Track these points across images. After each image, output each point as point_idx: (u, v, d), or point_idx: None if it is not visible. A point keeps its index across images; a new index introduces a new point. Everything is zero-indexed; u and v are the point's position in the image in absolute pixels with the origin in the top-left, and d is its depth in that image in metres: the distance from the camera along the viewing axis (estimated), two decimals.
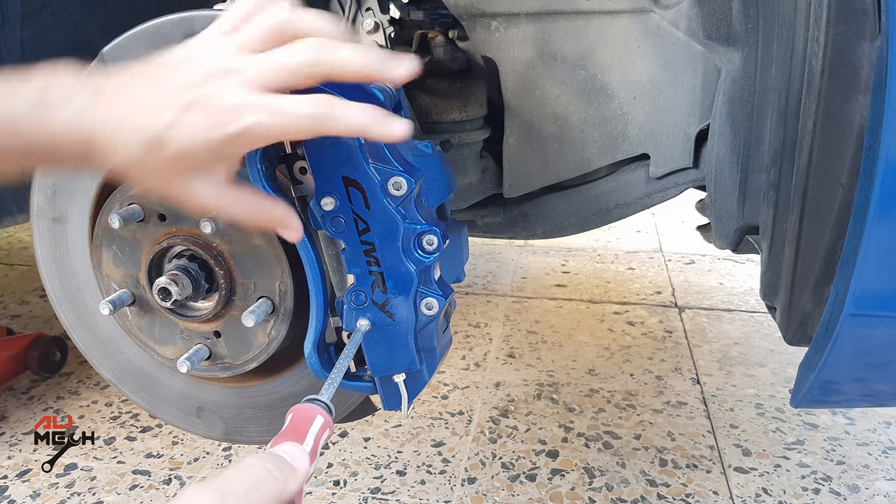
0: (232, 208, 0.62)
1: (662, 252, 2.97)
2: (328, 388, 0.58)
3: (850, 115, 0.68)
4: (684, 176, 0.99)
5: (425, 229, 0.71)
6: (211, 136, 0.55)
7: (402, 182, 0.68)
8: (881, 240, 0.67)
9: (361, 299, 0.74)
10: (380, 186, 0.68)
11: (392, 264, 0.71)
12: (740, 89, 0.84)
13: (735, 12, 0.82)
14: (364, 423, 1.73)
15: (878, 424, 1.73)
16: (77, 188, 0.93)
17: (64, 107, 0.56)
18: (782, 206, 0.80)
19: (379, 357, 0.77)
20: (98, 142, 0.56)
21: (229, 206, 0.61)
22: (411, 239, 0.71)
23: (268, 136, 0.56)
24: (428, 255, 0.72)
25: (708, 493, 1.49)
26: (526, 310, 2.41)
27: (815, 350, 0.77)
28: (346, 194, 0.69)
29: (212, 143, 0.55)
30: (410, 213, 0.71)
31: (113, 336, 1.00)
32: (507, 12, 0.91)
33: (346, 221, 0.70)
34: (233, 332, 0.87)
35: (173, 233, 0.84)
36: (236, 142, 0.56)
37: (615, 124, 0.96)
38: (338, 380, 0.61)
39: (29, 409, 1.82)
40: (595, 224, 1.11)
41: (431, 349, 0.78)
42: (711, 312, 2.38)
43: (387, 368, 0.77)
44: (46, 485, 1.53)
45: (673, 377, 1.96)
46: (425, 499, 1.48)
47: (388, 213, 0.69)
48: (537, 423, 1.75)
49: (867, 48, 0.65)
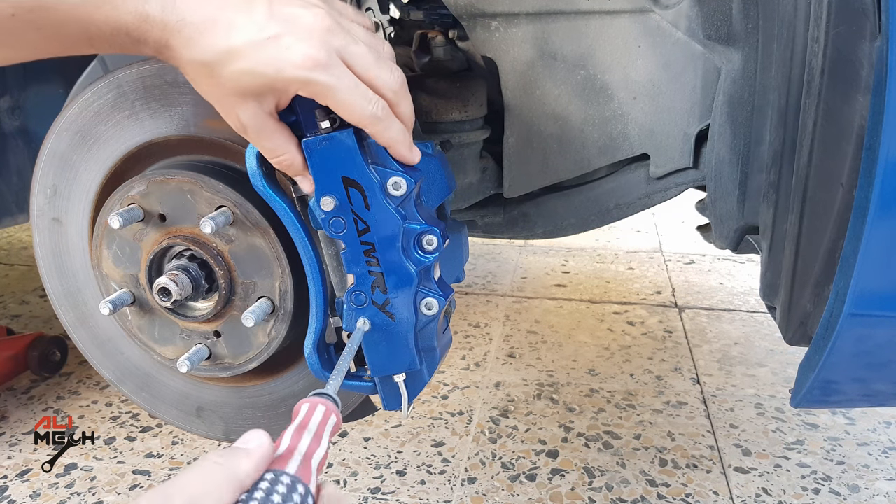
0: (262, 139, 0.65)
1: (662, 252, 2.97)
2: (332, 383, 0.58)
3: (850, 115, 0.68)
4: (684, 176, 0.99)
5: (425, 229, 0.71)
6: (284, 70, 0.59)
7: (402, 182, 0.68)
8: (881, 240, 0.67)
9: (361, 299, 0.74)
10: (379, 187, 0.68)
11: (392, 264, 0.71)
12: (740, 89, 0.84)
13: (735, 12, 0.82)
14: (364, 423, 1.73)
15: (878, 424, 1.73)
16: (77, 188, 0.93)
17: None
18: (782, 206, 0.80)
19: (379, 357, 0.77)
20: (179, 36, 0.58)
21: (260, 136, 0.65)
22: (411, 239, 0.71)
23: (327, 99, 0.61)
24: (428, 255, 0.72)
25: (708, 493, 1.49)
26: (526, 310, 2.41)
27: (815, 350, 0.77)
28: (346, 194, 0.69)
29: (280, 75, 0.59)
30: (410, 213, 0.71)
31: (113, 336, 1.00)
32: (507, 12, 0.91)
33: (345, 222, 0.70)
34: (233, 332, 0.87)
35: (173, 233, 0.84)
36: (301, 87, 0.61)
37: (615, 124, 0.96)
38: (342, 374, 0.61)
39: (29, 409, 1.82)
40: (595, 224, 1.11)
41: (431, 349, 0.78)
42: (711, 312, 2.38)
43: (387, 368, 0.77)
44: (46, 485, 1.53)
45: (673, 377, 1.96)
46: (425, 499, 1.48)
47: (387, 214, 0.69)
48: (537, 423, 1.75)
49: (867, 48, 0.65)
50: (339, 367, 0.62)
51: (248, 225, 0.81)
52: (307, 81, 0.60)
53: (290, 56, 0.59)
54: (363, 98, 0.62)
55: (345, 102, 0.62)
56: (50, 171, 0.93)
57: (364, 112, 0.63)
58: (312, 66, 0.59)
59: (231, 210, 0.81)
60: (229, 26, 0.58)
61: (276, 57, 0.59)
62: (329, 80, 0.60)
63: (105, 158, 0.90)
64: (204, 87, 0.63)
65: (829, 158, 0.71)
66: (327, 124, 0.66)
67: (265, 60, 0.59)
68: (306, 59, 0.59)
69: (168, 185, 0.82)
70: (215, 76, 0.60)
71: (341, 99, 0.61)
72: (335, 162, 0.67)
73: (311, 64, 0.59)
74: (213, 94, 0.63)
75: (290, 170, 0.68)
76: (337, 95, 0.61)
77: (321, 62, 0.60)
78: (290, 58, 0.59)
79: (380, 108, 0.63)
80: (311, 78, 0.60)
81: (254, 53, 0.59)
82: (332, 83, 0.60)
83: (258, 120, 0.63)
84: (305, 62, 0.59)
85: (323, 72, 0.60)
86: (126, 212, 0.83)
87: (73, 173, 0.92)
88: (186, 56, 0.59)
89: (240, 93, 0.61)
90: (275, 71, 0.59)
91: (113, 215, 0.82)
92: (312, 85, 0.60)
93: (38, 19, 0.57)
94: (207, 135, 0.84)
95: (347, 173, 0.68)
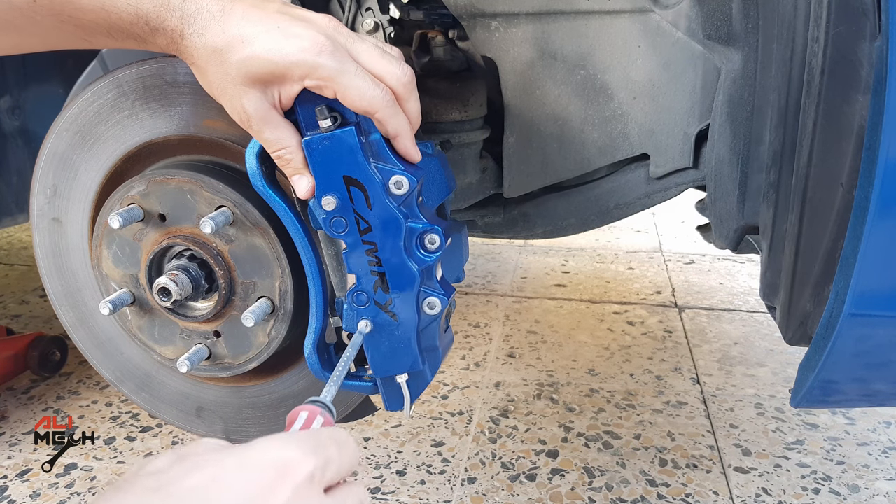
0: (265, 130, 0.66)
1: (662, 252, 2.97)
2: (329, 390, 0.58)
3: (850, 115, 0.68)
4: (684, 176, 0.99)
5: (427, 228, 0.71)
6: (290, 54, 0.60)
7: (404, 181, 0.68)
8: (881, 240, 0.67)
9: (363, 300, 0.73)
10: (381, 185, 0.68)
11: (394, 264, 0.71)
12: (740, 89, 0.84)
13: (735, 12, 0.82)
14: (364, 423, 1.73)
15: (878, 424, 1.73)
16: (77, 188, 0.93)
17: None
18: (782, 206, 0.80)
19: (381, 357, 0.76)
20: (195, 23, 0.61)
21: (263, 126, 0.65)
22: (413, 238, 0.71)
23: (333, 84, 0.62)
24: (430, 255, 0.72)
25: (708, 493, 1.49)
26: (526, 310, 2.41)
27: (815, 350, 0.77)
28: (348, 194, 0.68)
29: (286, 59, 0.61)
30: (412, 212, 0.70)
31: (113, 336, 1.00)
32: (507, 12, 0.91)
33: (347, 221, 0.70)
34: (233, 332, 0.87)
35: (173, 233, 0.84)
36: (307, 72, 0.61)
37: (615, 124, 0.96)
38: (338, 382, 0.61)
39: (29, 409, 1.82)
40: (595, 224, 1.11)
41: (434, 349, 0.78)
42: (711, 312, 2.38)
43: (389, 369, 0.77)
44: (46, 485, 1.53)
45: (673, 377, 1.96)
46: (425, 499, 1.48)
47: (389, 213, 0.69)
48: (537, 423, 1.75)
49: (867, 48, 0.65)
50: (337, 375, 0.62)
51: (248, 225, 0.81)
52: (314, 65, 0.61)
53: (298, 42, 0.61)
54: (370, 82, 0.63)
55: (351, 86, 0.62)
56: (50, 171, 0.93)
57: (372, 95, 0.63)
58: (318, 50, 0.61)
59: (231, 210, 0.81)
60: (243, 16, 0.61)
61: (283, 42, 0.60)
62: (335, 63, 0.61)
63: (105, 158, 0.90)
64: (211, 76, 0.63)
65: (829, 158, 0.71)
66: (328, 122, 0.66)
67: (273, 46, 0.60)
68: (313, 44, 0.61)
69: (168, 185, 0.82)
70: (224, 62, 0.61)
71: (347, 83, 0.62)
72: (336, 161, 0.67)
73: (318, 49, 0.61)
74: (220, 82, 0.63)
75: (290, 165, 0.68)
76: (342, 79, 0.62)
77: (327, 48, 0.61)
78: (297, 43, 0.61)
79: (387, 93, 0.64)
80: (318, 62, 0.61)
81: (263, 39, 0.60)
82: (337, 66, 0.61)
83: (262, 110, 0.64)
84: (312, 47, 0.61)
85: (329, 56, 0.61)
86: (126, 212, 0.83)
87: (73, 173, 0.92)
88: (199, 43, 0.61)
89: (246, 80, 0.62)
90: (281, 56, 0.61)
91: (113, 215, 0.82)
92: (318, 69, 0.61)
93: (59, 5, 0.59)
94: (207, 135, 0.84)
95: (349, 172, 0.67)
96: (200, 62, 0.63)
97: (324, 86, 0.63)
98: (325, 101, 0.65)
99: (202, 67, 0.63)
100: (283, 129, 0.66)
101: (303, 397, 0.94)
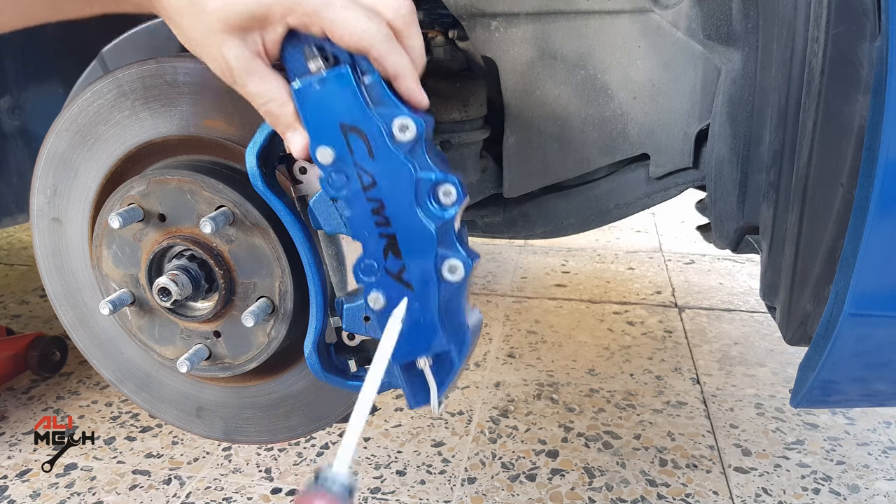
0: (249, 83, 0.59)
1: (662, 252, 2.97)
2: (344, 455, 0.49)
3: (850, 115, 0.68)
4: (684, 176, 0.99)
5: (441, 178, 0.61)
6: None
7: (410, 124, 0.59)
8: (881, 240, 0.67)
9: (373, 269, 0.64)
10: (384, 130, 0.59)
11: (405, 223, 0.61)
12: (740, 89, 0.84)
13: (735, 12, 0.82)
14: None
15: (878, 424, 1.73)
16: (77, 188, 0.93)
17: None
18: (782, 206, 0.80)
19: (397, 338, 0.64)
20: None
21: (247, 78, 0.59)
22: (426, 190, 0.61)
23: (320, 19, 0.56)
24: (447, 209, 0.61)
25: (708, 493, 1.49)
26: (526, 310, 2.41)
27: (815, 350, 0.77)
28: (346, 143, 0.59)
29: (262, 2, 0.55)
30: (422, 161, 0.60)
31: (113, 336, 1.00)
32: (507, 12, 0.91)
33: (347, 177, 0.61)
34: (233, 332, 0.87)
35: (173, 233, 0.84)
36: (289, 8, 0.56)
37: (615, 124, 0.96)
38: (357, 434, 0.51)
39: (29, 409, 1.82)
40: (595, 224, 1.11)
41: (459, 325, 0.65)
42: (711, 312, 2.38)
43: (408, 352, 0.65)
44: (46, 485, 1.53)
45: (673, 377, 1.96)
46: (425, 499, 1.48)
47: (395, 162, 0.60)
48: (537, 423, 1.75)
49: (867, 48, 0.65)
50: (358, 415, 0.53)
51: (248, 225, 0.81)
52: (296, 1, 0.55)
53: None
54: (363, 13, 0.56)
55: (340, 19, 0.56)
56: (50, 171, 0.93)
57: (363, 28, 0.56)
58: None
59: (231, 210, 0.81)
60: None
61: None
62: None
63: (105, 158, 0.90)
64: (187, 29, 0.59)
65: (829, 158, 0.71)
66: (319, 63, 0.58)
67: None
68: None
69: (168, 185, 0.82)
70: (200, 12, 0.56)
71: (334, 16, 0.56)
72: (331, 107, 0.59)
73: None
74: (198, 35, 0.58)
75: (281, 121, 0.61)
76: (328, 12, 0.55)
77: None
78: None
79: (382, 26, 0.57)
80: None
81: None
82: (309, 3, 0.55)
83: (244, 60, 0.58)
84: None
85: None
86: (126, 212, 0.83)
87: (73, 173, 0.92)
88: None
89: (225, 27, 0.57)
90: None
91: (113, 215, 0.82)
92: (301, 2, 0.55)
93: None
94: (207, 135, 0.84)
95: (346, 119, 0.59)
96: (175, 15, 0.58)
97: (309, 22, 0.56)
98: (315, 42, 0.58)
99: (177, 21, 0.59)
100: (269, 79, 0.59)
101: (303, 397, 0.94)
